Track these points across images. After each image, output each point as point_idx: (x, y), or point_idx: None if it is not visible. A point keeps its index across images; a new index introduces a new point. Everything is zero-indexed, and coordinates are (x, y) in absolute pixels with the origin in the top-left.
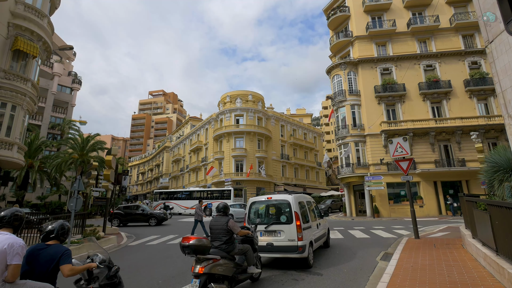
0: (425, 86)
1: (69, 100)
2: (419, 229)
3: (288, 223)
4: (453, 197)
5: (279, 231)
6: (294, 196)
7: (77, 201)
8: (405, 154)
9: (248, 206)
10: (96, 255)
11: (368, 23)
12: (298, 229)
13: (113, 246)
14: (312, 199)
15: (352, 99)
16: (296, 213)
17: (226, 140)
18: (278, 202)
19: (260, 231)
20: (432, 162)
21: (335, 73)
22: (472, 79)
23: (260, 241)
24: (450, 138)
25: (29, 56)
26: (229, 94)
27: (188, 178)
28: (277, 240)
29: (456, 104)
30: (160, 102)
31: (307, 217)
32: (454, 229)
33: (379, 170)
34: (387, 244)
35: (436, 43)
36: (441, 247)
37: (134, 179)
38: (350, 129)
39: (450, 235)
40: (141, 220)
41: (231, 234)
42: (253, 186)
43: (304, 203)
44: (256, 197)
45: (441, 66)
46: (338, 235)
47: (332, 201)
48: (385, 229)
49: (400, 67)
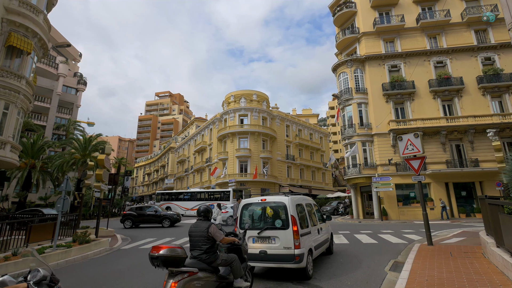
0: (435, 83)
1: (74, 101)
2: (431, 233)
3: (284, 228)
4: (466, 199)
5: (273, 237)
6: (291, 198)
7: (64, 202)
8: (417, 152)
9: (239, 209)
10: (36, 270)
11: (376, 19)
12: (295, 236)
13: (103, 250)
14: (313, 201)
15: (359, 97)
16: (293, 217)
17: (230, 141)
18: (273, 204)
19: (252, 237)
20: (443, 163)
21: (341, 70)
22: (486, 75)
23: (252, 248)
24: (462, 137)
25: (23, 53)
26: (233, 94)
27: (192, 179)
28: (271, 247)
29: (468, 102)
30: (167, 103)
31: (306, 221)
32: (471, 234)
33: (388, 170)
34: (397, 250)
35: (447, 38)
36: (458, 255)
37: (140, 180)
38: (357, 128)
39: (467, 241)
40: (154, 222)
41: (212, 242)
42: (257, 187)
43: (303, 205)
44: (249, 199)
45: (452, 62)
46: (343, 240)
47: (338, 203)
48: (394, 233)
49: (409, 64)
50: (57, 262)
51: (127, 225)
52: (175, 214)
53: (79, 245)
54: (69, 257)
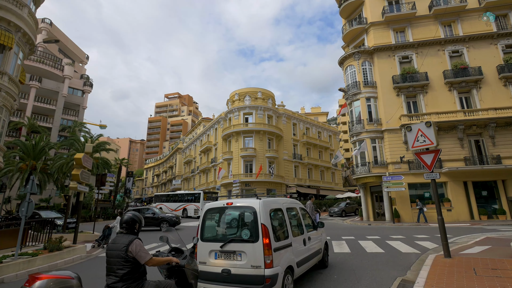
0: (451, 74)
1: (80, 102)
2: (448, 240)
3: (252, 241)
4: (487, 199)
5: (239, 252)
6: (263, 201)
7: (29, 205)
8: (429, 145)
9: (202, 215)
10: None
11: (385, 8)
12: (266, 250)
13: (78, 258)
14: (300, 204)
15: (368, 91)
16: (264, 227)
17: (235, 140)
18: (241, 210)
19: (215, 252)
20: (461, 160)
21: (348, 64)
22: (507, 64)
23: (214, 265)
24: (482, 132)
25: (6, 48)
26: (237, 92)
27: (198, 180)
28: (237, 265)
29: (488, 94)
30: (176, 104)
31: (286, 231)
32: (497, 242)
33: (399, 169)
34: (407, 263)
35: (463, 26)
36: (485, 273)
37: (150, 181)
38: (365, 124)
39: (493, 251)
40: (152, 224)
41: (133, 264)
42: (263, 188)
43: (282, 210)
44: (213, 203)
45: (469, 51)
46: (344, 248)
47: (347, 204)
48: (405, 240)
49: (421, 54)
50: (17, 273)
51: None
52: (174, 217)
53: (49, 252)
54: (32, 267)
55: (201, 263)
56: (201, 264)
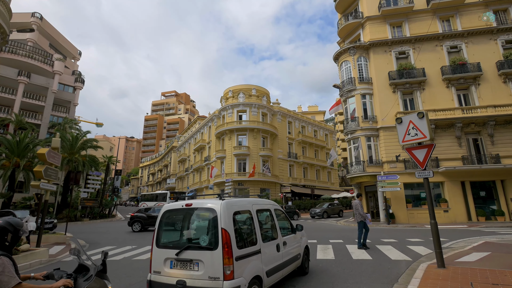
0: (449, 71)
1: (72, 99)
2: (443, 245)
3: (211, 248)
4: (486, 200)
5: (196, 261)
6: (226, 202)
7: None
8: (422, 138)
9: (159, 218)
10: None
11: (381, 2)
12: (226, 259)
13: (36, 263)
14: (275, 205)
15: (363, 87)
16: (225, 232)
17: (228, 138)
18: (200, 212)
19: (170, 260)
20: (459, 159)
21: (343, 59)
22: (507, 60)
23: (169, 276)
24: (481, 130)
25: None
26: (231, 89)
27: (192, 179)
28: (193, 276)
29: (487, 90)
30: (172, 102)
31: (254, 236)
32: (497, 248)
33: (395, 168)
34: (395, 274)
35: (462, 20)
36: None
37: (145, 180)
38: (360, 122)
39: (492, 259)
40: None
41: None
42: (256, 187)
43: (251, 212)
44: (171, 204)
45: (468, 46)
46: (328, 254)
47: (329, 205)
48: (397, 244)
49: (418, 49)
50: None
51: (135, 228)
52: None
53: None
54: None
55: (156, 272)
56: (155, 274)
